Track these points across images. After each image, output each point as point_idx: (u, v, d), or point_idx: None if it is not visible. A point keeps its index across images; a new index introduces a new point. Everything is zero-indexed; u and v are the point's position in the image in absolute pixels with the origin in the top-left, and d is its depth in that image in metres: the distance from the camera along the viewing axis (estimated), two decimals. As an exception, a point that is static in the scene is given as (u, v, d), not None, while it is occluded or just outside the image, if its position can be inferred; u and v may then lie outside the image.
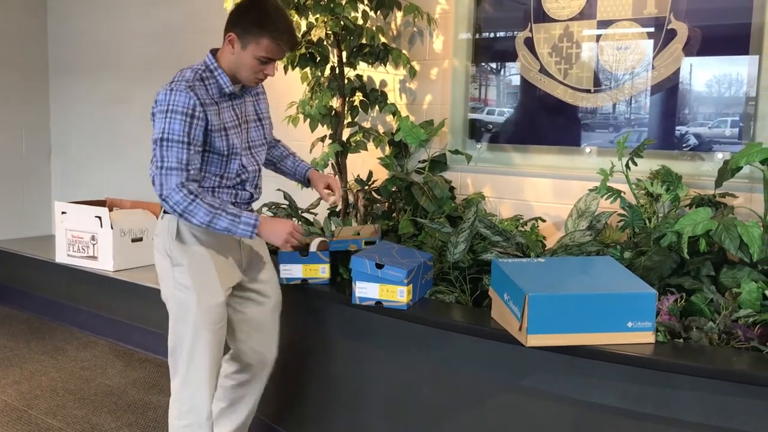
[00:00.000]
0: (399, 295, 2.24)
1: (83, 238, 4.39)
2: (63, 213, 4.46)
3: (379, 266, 2.24)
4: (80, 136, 5.38)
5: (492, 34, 3.14)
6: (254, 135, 2.31)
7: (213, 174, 2.20)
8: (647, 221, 2.42)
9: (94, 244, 4.35)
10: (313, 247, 2.50)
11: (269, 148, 2.50)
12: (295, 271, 2.52)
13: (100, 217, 4.30)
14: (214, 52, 2.21)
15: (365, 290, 2.28)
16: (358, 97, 3.28)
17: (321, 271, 2.52)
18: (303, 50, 3.07)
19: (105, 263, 4.32)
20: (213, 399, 2.26)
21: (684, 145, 2.69)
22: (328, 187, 2.45)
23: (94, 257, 4.37)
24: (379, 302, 2.27)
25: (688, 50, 2.63)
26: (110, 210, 4.35)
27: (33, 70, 5.44)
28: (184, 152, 2.07)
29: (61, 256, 4.51)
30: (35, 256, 4.78)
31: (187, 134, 2.07)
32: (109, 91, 5.08)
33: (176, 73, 2.16)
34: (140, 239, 4.43)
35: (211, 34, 4.26)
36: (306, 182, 2.52)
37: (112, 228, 4.27)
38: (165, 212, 2.22)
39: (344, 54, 3.15)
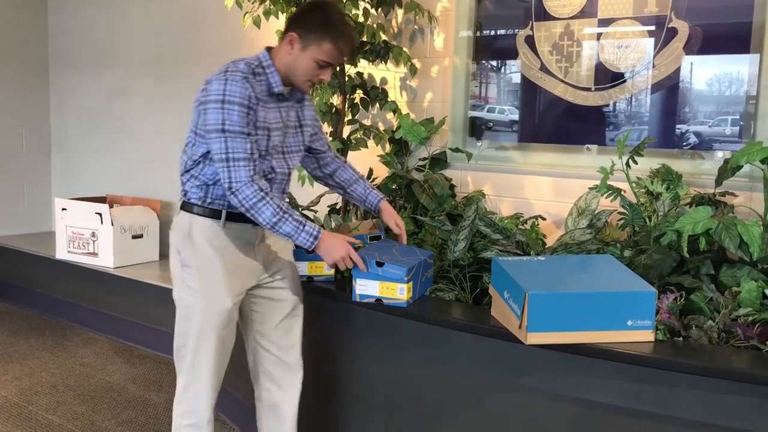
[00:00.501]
0: (399, 292, 2.24)
1: (83, 234, 4.39)
2: (63, 209, 4.45)
3: (380, 264, 2.24)
4: (80, 132, 5.37)
5: (493, 32, 3.14)
6: (291, 140, 2.26)
7: None
8: (647, 220, 2.42)
9: (94, 241, 4.35)
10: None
11: (336, 168, 2.46)
12: (301, 268, 2.51)
13: (100, 214, 4.30)
14: (269, 50, 2.16)
15: (365, 288, 2.28)
16: (359, 94, 3.28)
17: (326, 269, 2.52)
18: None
19: (105, 260, 4.32)
20: (215, 401, 2.25)
21: (684, 143, 2.69)
22: (398, 224, 2.43)
23: (94, 254, 4.37)
24: (379, 300, 2.27)
25: (689, 49, 2.63)
26: (111, 206, 4.36)
27: (33, 66, 5.44)
28: (248, 143, 2.04)
29: (62, 253, 4.51)
30: (35, 253, 4.79)
31: (246, 125, 2.03)
32: (109, 86, 5.08)
33: (227, 63, 2.10)
34: (141, 236, 4.43)
35: (210, 31, 4.30)
36: (376, 211, 2.47)
37: (112, 224, 4.27)
38: (182, 209, 2.20)
39: (345, 51, 3.15)
